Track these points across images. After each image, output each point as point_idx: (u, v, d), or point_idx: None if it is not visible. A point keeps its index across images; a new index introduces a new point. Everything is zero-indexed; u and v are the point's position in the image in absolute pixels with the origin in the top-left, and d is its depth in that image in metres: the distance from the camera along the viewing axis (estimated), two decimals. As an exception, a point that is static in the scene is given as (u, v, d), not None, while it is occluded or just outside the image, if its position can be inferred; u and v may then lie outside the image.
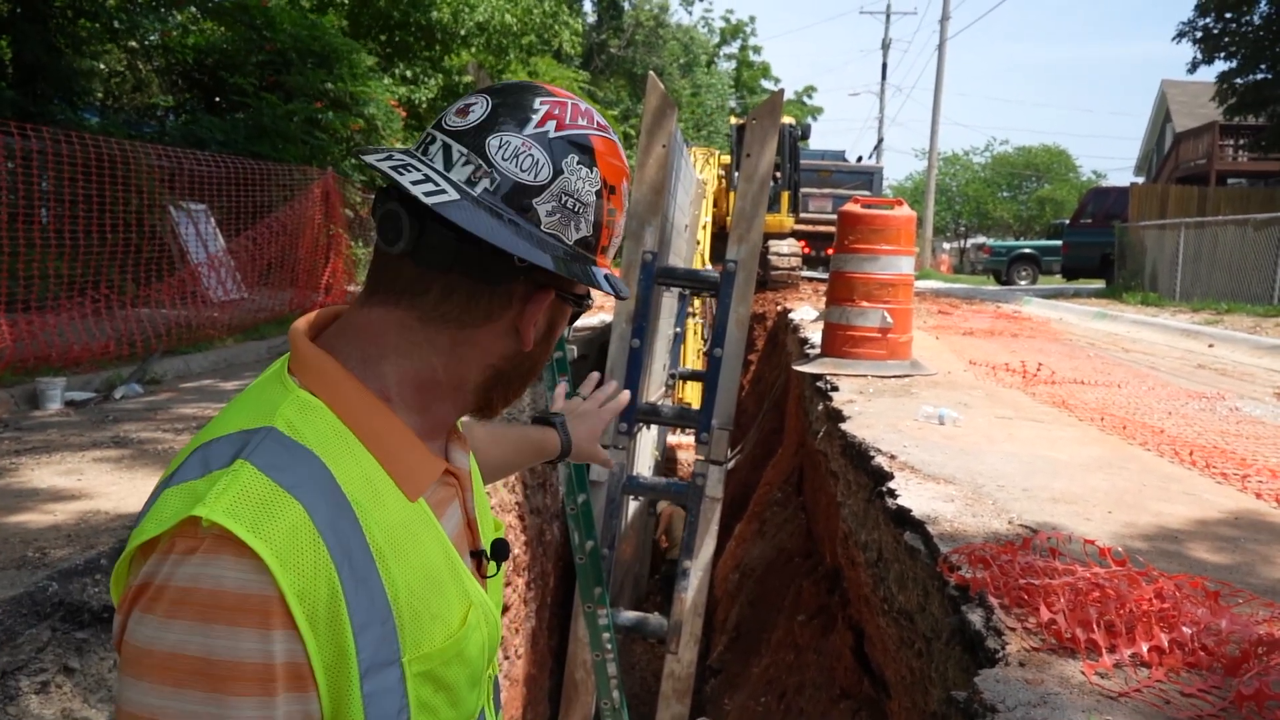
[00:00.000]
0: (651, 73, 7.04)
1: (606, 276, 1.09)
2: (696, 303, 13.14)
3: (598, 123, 1.09)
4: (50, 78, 11.17)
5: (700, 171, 13.60)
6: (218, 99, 13.92)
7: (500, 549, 1.23)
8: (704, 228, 13.62)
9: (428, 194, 0.96)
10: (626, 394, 1.93)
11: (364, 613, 0.89)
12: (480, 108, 1.04)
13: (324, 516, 0.88)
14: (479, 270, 1.02)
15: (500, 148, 1.01)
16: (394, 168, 0.99)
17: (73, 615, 2.95)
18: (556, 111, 1.05)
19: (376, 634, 0.91)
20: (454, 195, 0.98)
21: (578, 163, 1.04)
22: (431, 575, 1.01)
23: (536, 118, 1.04)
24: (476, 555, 1.19)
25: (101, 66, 14.04)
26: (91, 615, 3.01)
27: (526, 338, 1.09)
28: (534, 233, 1.01)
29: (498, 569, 1.23)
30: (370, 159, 1.02)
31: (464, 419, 1.22)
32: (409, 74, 17.21)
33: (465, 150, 1.01)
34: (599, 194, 1.07)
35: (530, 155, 1.01)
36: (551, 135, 1.03)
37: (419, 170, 1.00)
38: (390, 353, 1.04)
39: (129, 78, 14.86)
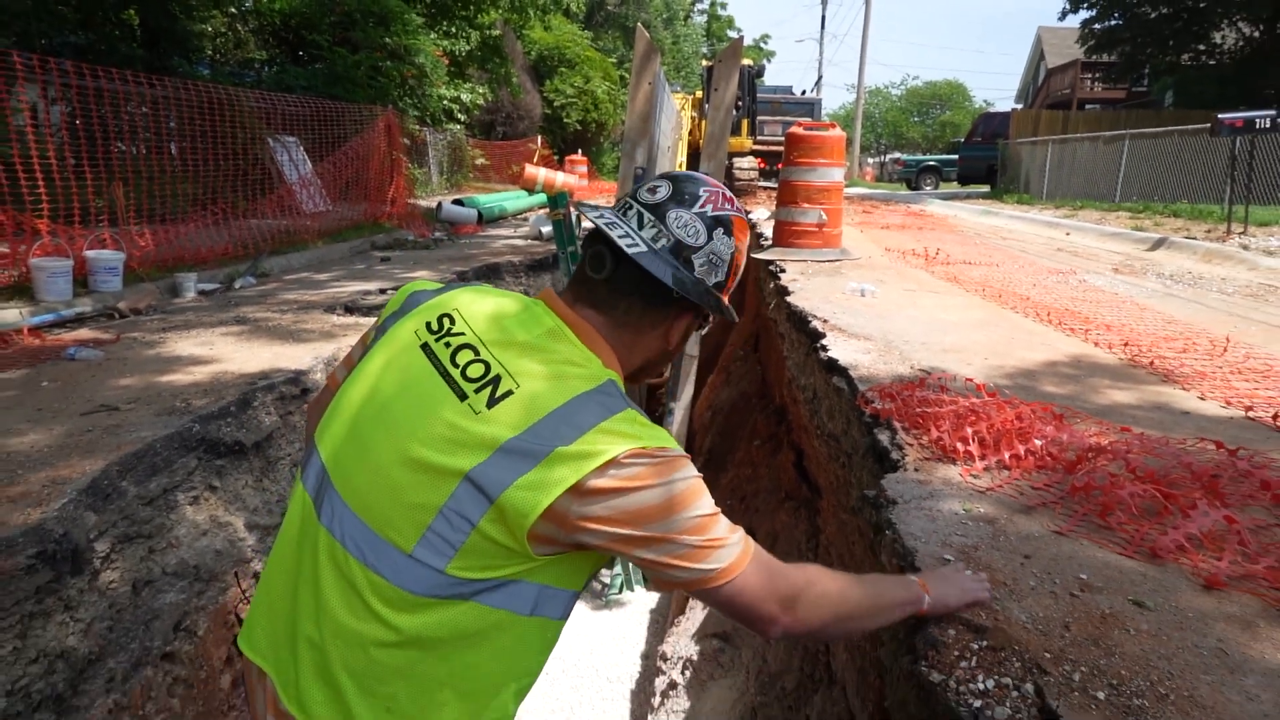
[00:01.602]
0: (640, 25, 6.74)
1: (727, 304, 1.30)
2: None
3: (737, 206, 1.28)
4: (170, 39, 10.71)
5: (680, 109, 13.15)
6: (300, 53, 13.34)
7: None
8: (681, 154, 13.24)
9: (628, 246, 1.18)
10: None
11: None
12: (663, 191, 1.24)
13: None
14: (650, 296, 1.22)
15: (675, 219, 1.22)
16: (606, 224, 1.20)
17: (212, 448, 2.98)
18: (713, 198, 1.25)
19: None
20: (644, 248, 1.19)
21: (722, 233, 1.25)
22: None
23: (699, 202, 1.23)
24: None
25: (209, 29, 13.44)
26: (226, 448, 3.05)
27: (672, 342, 1.30)
28: (689, 276, 1.21)
29: None
30: (591, 216, 1.22)
31: None
32: (450, 29, 16.52)
33: (652, 218, 1.22)
34: (733, 255, 1.27)
35: (693, 226, 1.22)
36: (709, 214, 1.24)
37: (621, 227, 1.21)
38: (601, 340, 1.22)
39: (230, 37, 14.24)
